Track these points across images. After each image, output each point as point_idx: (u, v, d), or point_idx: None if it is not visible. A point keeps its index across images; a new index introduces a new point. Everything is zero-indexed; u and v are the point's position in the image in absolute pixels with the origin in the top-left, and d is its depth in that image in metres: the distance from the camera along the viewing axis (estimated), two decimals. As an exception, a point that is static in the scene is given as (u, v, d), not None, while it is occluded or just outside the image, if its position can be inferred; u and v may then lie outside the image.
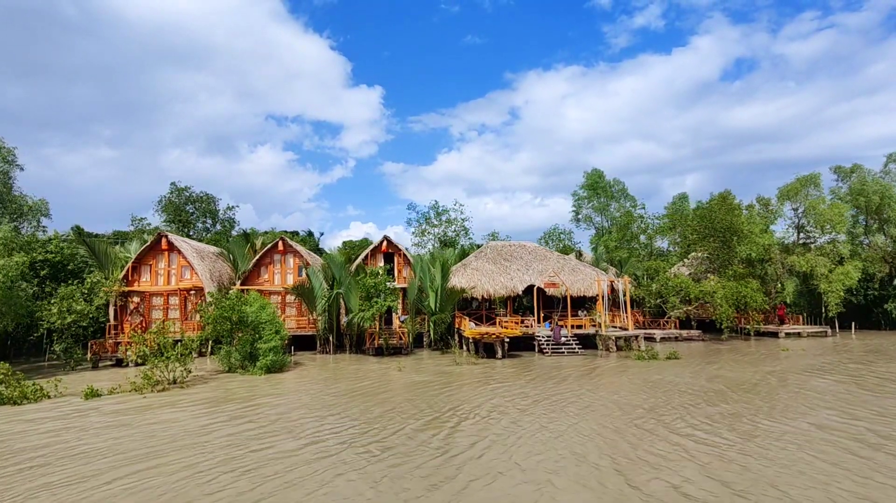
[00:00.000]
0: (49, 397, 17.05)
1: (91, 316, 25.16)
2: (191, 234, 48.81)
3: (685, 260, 43.05)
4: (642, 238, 43.10)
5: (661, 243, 49.41)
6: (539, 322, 31.75)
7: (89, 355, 25.13)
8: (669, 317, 37.98)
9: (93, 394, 16.88)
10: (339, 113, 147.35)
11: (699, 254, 40.39)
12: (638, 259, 41.12)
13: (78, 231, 31.64)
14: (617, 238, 43.53)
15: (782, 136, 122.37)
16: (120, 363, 25.67)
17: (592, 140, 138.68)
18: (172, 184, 50.10)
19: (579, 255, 43.73)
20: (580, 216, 51.09)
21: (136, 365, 19.54)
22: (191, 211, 50.92)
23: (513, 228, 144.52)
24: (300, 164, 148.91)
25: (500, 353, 26.03)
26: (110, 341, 26.25)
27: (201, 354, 27.90)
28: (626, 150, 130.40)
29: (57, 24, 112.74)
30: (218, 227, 52.43)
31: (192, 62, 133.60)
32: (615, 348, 28.04)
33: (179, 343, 21.26)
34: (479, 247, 45.70)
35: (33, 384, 17.19)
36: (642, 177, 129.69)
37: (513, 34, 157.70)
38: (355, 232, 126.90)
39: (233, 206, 53.88)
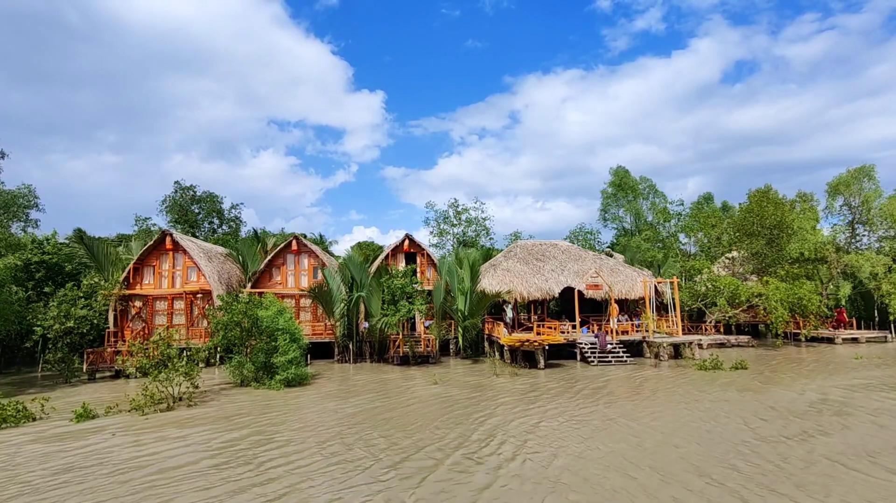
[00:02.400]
0: (34, 419, 14.48)
1: (93, 321, 22.58)
2: (197, 235, 46.38)
3: (724, 260, 40.26)
4: (683, 237, 40.27)
5: (687, 245, 46.72)
6: (576, 327, 29.00)
7: (85, 366, 22.57)
8: (707, 322, 35.29)
9: (85, 415, 14.29)
10: (341, 117, 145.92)
11: (739, 254, 37.63)
12: (676, 259, 38.32)
13: (79, 233, 29.05)
14: (651, 237, 40.75)
15: (784, 139, 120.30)
16: (119, 375, 23.09)
17: (593, 143, 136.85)
18: (177, 182, 47.74)
19: (609, 256, 40.96)
20: (608, 215, 48.31)
21: (144, 374, 16.96)
22: (196, 211, 48.50)
23: (512, 231, 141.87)
24: (303, 168, 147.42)
25: (541, 363, 23.31)
26: (109, 350, 23.68)
27: (209, 364, 25.34)
28: (628, 153, 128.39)
29: (60, 30, 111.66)
30: (224, 227, 50.01)
31: (194, 68, 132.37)
32: (666, 356, 25.33)
33: (186, 352, 18.74)
34: (499, 250, 43.07)
35: (15, 404, 14.60)
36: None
37: (513, 38, 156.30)
38: (358, 236, 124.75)
39: (237, 205, 51.41)
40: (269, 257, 31.23)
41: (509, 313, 27.52)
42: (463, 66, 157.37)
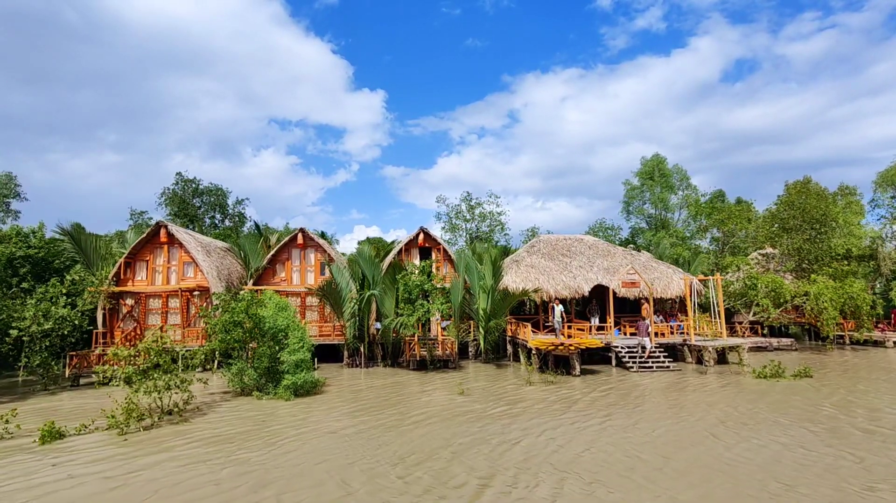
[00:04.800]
0: (-7, 438, 12.13)
1: (74, 322, 20.21)
2: (204, 230, 44.08)
3: (756, 257, 37.70)
4: (713, 232, 37.64)
5: (702, 241, 44.21)
6: (608, 328, 26.55)
7: (68, 371, 20.25)
8: (743, 323, 32.82)
9: (53, 434, 11.92)
10: (342, 117, 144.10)
11: (778, 251, 35.06)
12: (707, 256, 35.77)
13: (77, 226, 26.54)
14: (679, 233, 38.16)
15: (785, 138, 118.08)
16: (109, 380, 20.71)
17: (593, 142, 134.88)
18: (178, 174, 45.38)
19: (638, 251, 38.45)
20: (631, 208, 45.49)
21: (129, 383, 14.59)
22: (198, 205, 46.12)
23: (515, 231, 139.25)
24: (304, 167, 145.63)
25: (577, 369, 20.87)
26: (95, 353, 21.34)
27: (206, 369, 23.00)
28: (628, 152, 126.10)
29: (59, 30, 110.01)
30: (227, 222, 47.64)
31: (193, 67, 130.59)
32: (712, 362, 22.84)
33: (181, 356, 16.51)
34: (513, 249, 40.57)
35: (-30, 420, 12.25)
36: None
37: (512, 37, 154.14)
38: (359, 235, 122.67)
39: (242, 200, 49.01)
40: (272, 252, 28.86)
41: (558, 315, 23.21)
42: (462, 65, 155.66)
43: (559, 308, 23.25)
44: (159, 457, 10.18)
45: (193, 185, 45.58)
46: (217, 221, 47.38)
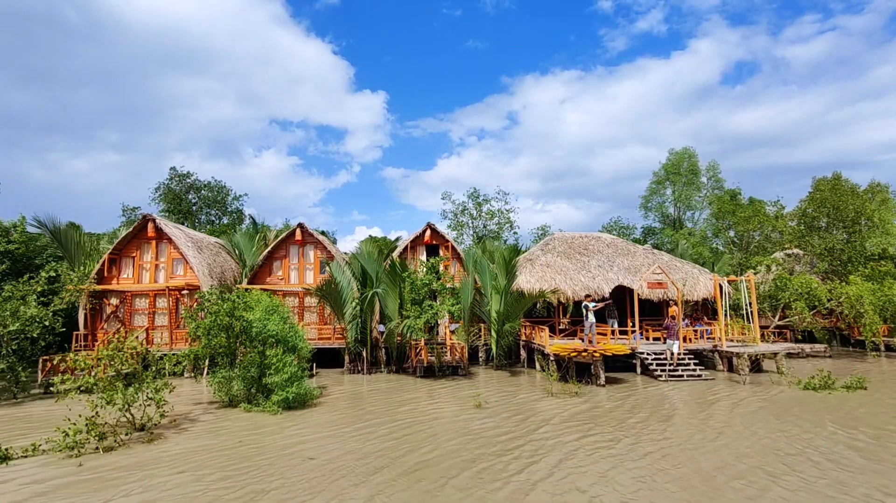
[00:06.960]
0: (-72, 460, 10.24)
1: (44, 323, 18.33)
2: (194, 227, 42.26)
3: (782, 256, 35.59)
4: (728, 233, 35.59)
5: (720, 241, 42.12)
6: (623, 333, 24.54)
7: (40, 376, 18.37)
8: (769, 327, 30.72)
9: (-4, 456, 10.05)
10: (343, 118, 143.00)
11: (806, 251, 32.94)
12: (731, 256, 33.71)
13: (70, 225, 24.74)
14: (702, 233, 36.07)
15: (786, 141, 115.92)
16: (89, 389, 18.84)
17: (592, 144, 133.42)
18: (172, 168, 43.55)
19: (657, 249, 36.40)
20: (650, 205, 43.29)
21: (87, 392, 12.83)
22: (193, 201, 44.26)
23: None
24: (305, 168, 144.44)
25: (601, 379, 18.86)
26: (71, 357, 19.43)
27: (192, 376, 21.13)
28: (627, 154, 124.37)
29: (59, 29, 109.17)
30: (225, 219, 45.78)
31: (193, 67, 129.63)
32: (747, 370, 20.79)
33: (165, 361, 14.80)
34: (521, 249, 38.57)
35: None
36: (644, 182, 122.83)
37: (512, 38, 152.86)
38: (361, 236, 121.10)
39: (240, 196, 47.12)
40: (269, 248, 26.97)
41: (590, 315, 20.44)
42: (462, 67, 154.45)
43: (592, 305, 20.73)
44: (82, 488, 8.31)
45: (189, 181, 43.71)
46: (214, 218, 45.55)
